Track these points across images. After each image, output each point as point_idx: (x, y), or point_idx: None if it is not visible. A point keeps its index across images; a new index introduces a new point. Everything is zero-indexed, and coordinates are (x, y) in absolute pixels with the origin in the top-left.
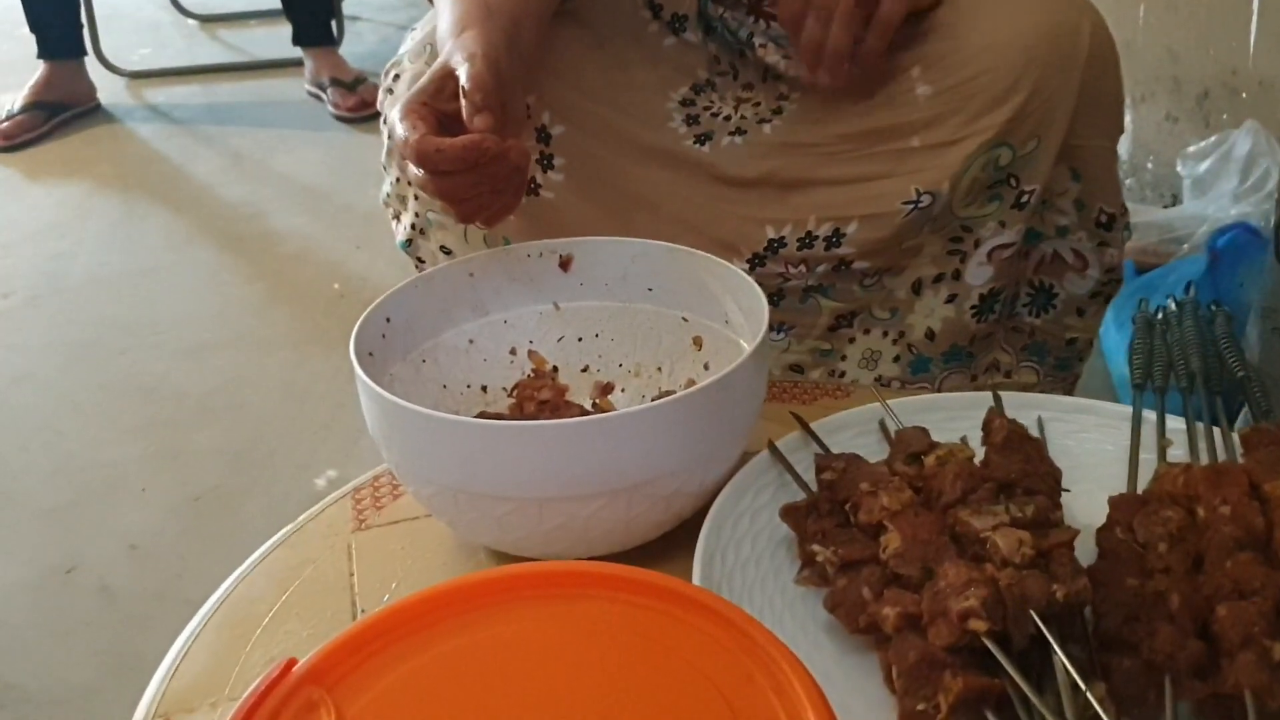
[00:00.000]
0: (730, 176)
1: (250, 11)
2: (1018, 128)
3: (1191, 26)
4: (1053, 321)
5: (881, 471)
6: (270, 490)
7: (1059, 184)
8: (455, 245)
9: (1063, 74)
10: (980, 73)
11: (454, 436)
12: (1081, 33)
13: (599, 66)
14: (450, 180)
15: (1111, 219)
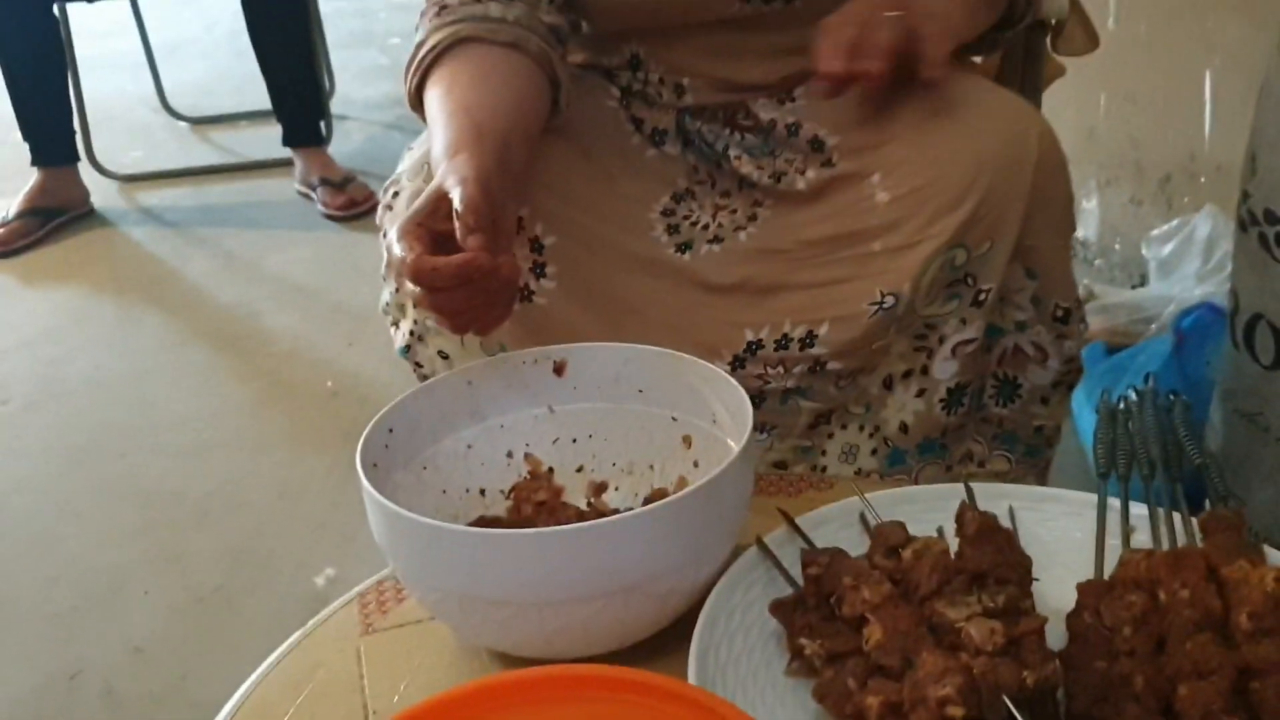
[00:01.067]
0: (711, 283)
1: (240, 113)
2: (972, 230)
3: (1150, 114)
4: (1019, 411)
5: (862, 565)
6: (271, 590)
7: (1015, 282)
8: (453, 351)
9: (1013, 180)
10: (935, 179)
11: (458, 545)
12: (1030, 141)
13: (586, 179)
14: (446, 296)
15: (1067, 313)
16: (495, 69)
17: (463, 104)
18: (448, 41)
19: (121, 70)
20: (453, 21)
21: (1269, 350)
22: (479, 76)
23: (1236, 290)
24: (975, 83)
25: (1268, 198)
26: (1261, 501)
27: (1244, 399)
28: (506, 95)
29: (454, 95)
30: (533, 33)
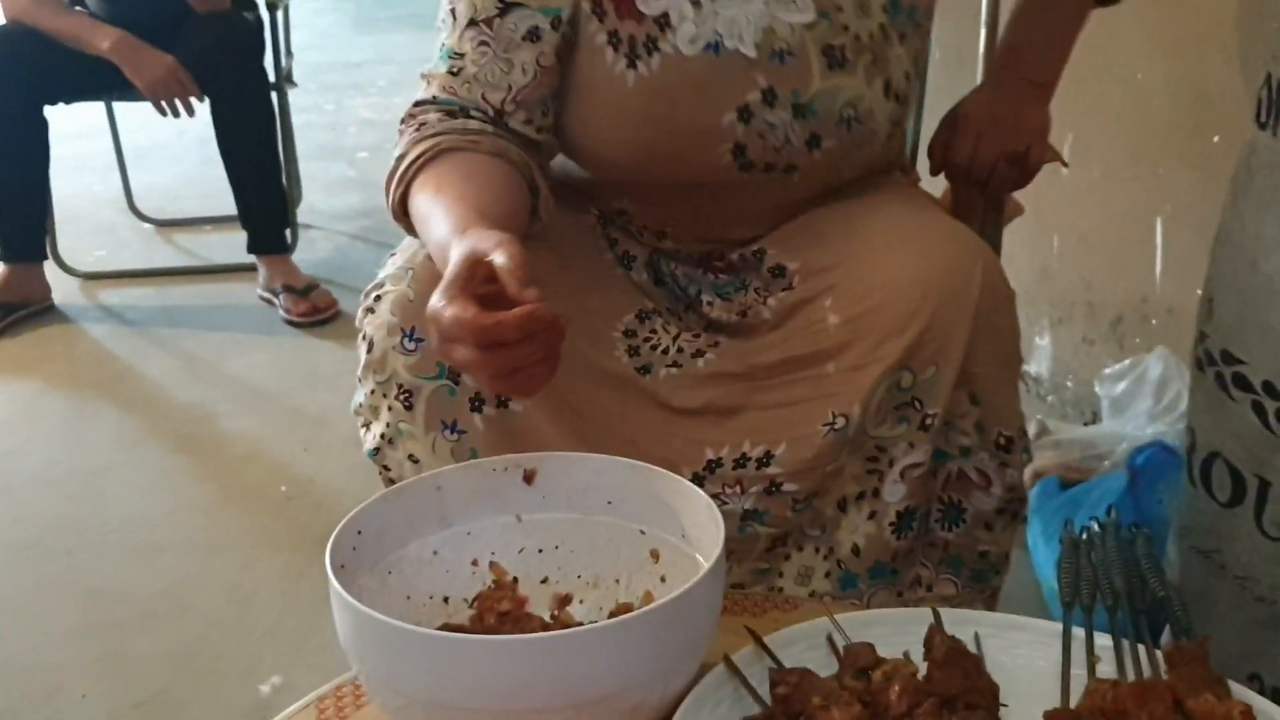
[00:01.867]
0: (673, 405)
1: (206, 218)
2: (917, 355)
3: (1102, 256)
4: (964, 535)
5: (832, 686)
6: (215, 696)
7: (960, 407)
8: (423, 455)
9: (956, 309)
10: (883, 304)
11: (426, 649)
12: (974, 273)
13: (561, 288)
14: (507, 352)
15: (1010, 441)
16: (482, 172)
17: (459, 195)
18: (431, 153)
19: (91, 171)
20: (433, 135)
21: (1225, 488)
22: (468, 177)
23: (1193, 428)
24: (927, 213)
25: (1224, 339)
26: (1218, 638)
27: (1201, 536)
28: (497, 195)
29: (446, 192)
30: (513, 144)
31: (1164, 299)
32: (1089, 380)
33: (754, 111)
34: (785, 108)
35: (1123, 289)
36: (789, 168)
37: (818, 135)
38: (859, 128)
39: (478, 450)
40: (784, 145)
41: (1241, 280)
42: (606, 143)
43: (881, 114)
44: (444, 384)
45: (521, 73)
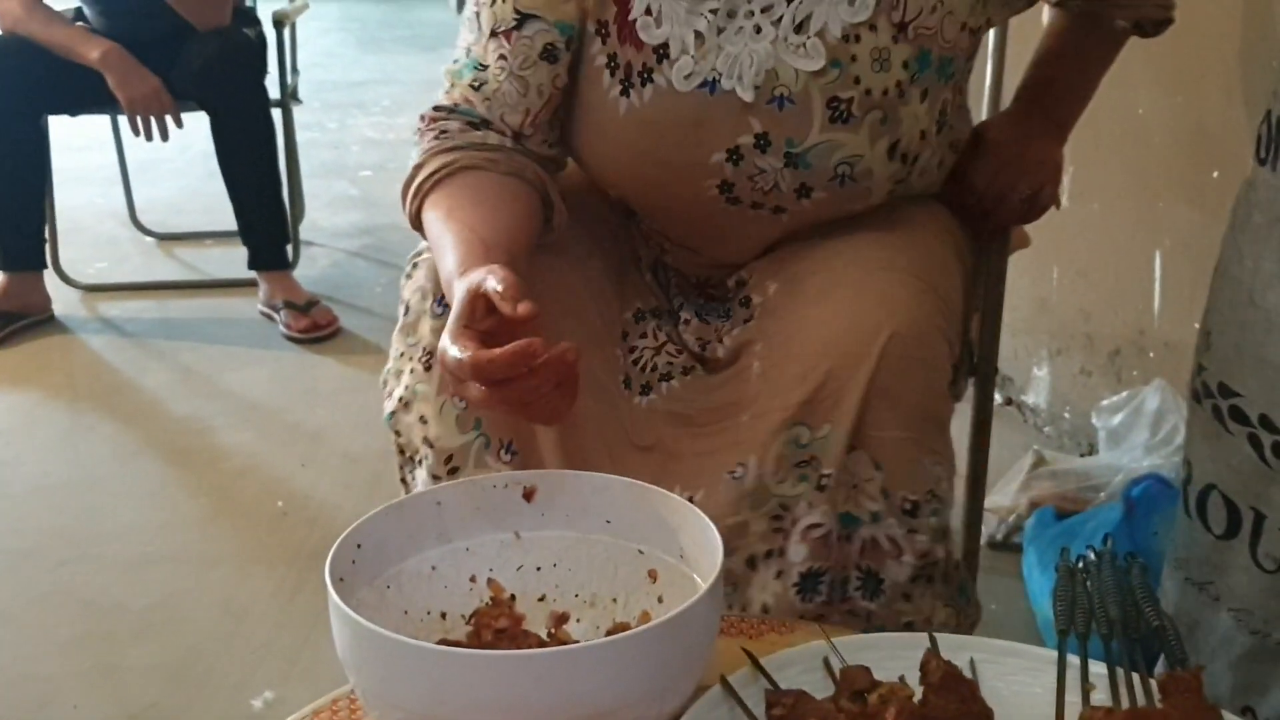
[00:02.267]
0: (632, 439)
1: (208, 232)
2: (812, 411)
3: (1102, 289)
4: (885, 606)
5: (828, 708)
6: (207, 710)
7: (864, 471)
8: (431, 418)
9: (850, 369)
10: (788, 356)
11: (425, 663)
12: (879, 336)
13: (593, 271)
14: (511, 388)
15: (915, 506)
16: (493, 193)
17: (467, 224)
18: (448, 170)
19: (93, 184)
20: (452, 148)
21: (1221, 520)
22: (479, 201)
23: (1190, 460)
24: (890, 258)
25: (1221, 372)
26: (1212, 670)
27: (1195, 568)
28: (506, 218)
29: (455, 218)
30: (530, 161)
31: (1162, 332)
32: (1086, 412)
33: (744, 154)
34: (778, 155)
35: (1121, 321)
36: (777, 209)
37: (808, 186)
38: (852, 185)
39: (482, 422)
40: (772, 189)
41: (1239, 314)
42: (599, 164)
43: (881, 174)
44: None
45: (538, 94)
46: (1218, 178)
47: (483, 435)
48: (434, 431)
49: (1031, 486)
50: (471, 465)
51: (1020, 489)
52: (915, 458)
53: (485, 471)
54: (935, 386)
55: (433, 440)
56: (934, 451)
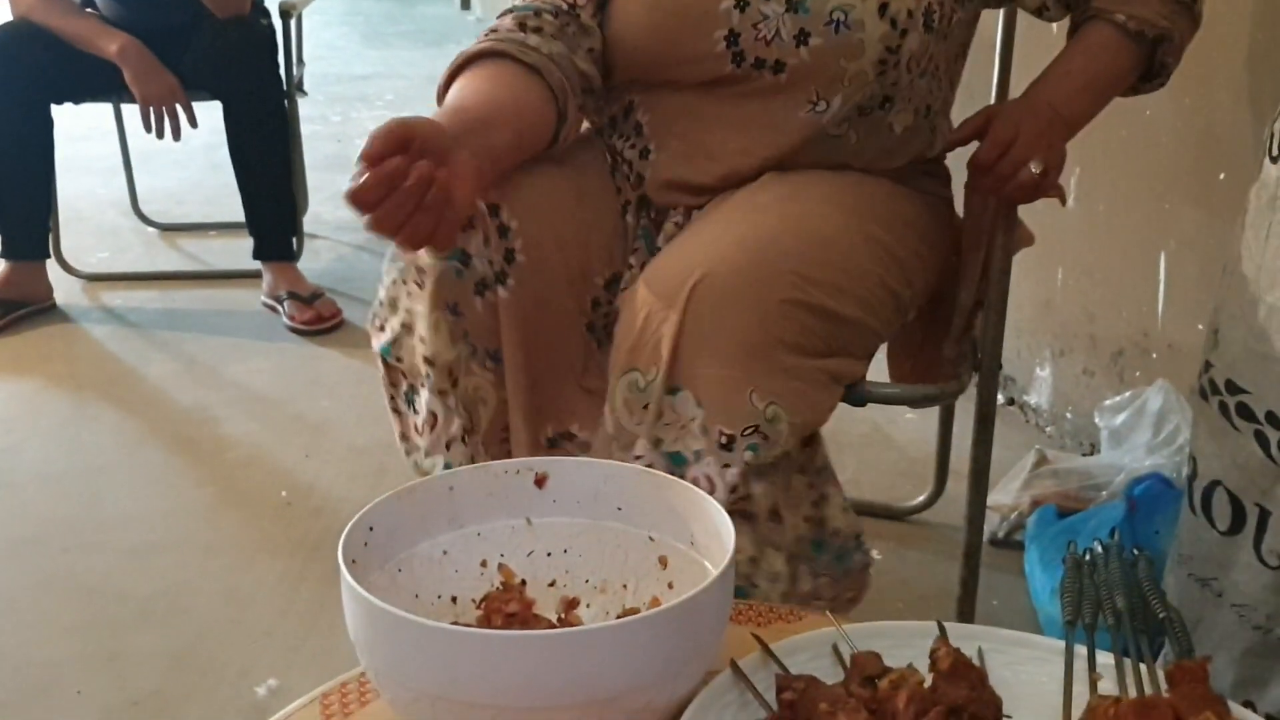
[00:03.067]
0: (579, 383)
1: (210, 223)
2: (639, 356)
3: (1106, 290)
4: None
5: (839, 693)
6: (210, 697)
7: (688, 410)
8: (426, 334)
9: (663, 312)
10: (627, 305)
11: (438, 643)
12: (689, 278)
13: (575, 222)
14: (378, 213)
15: (731, 440)
16: (505, 79)
17: (460, 94)
18: (480, 51)
19: (95, 174)
20: (493, 39)
21: (1225, 517)
22: (489, 79)
23: (1195, 457)
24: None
25: (1229, 369)
26: (1214, 665)
27: (1199, 564)
28: (506, 98)
29: (460, 89)
30: (559, 68)
31: (1165, 333)
32: (1089, 412)
33: (750, 1)
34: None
35: (1125, 322)
36: (778, 65)
37: (806, 31)
38: (846, 33)
39: (469, 333)
40: (774, 38)
41: (1247, 312)
42: (625, 23)
43: (872, 29)
44: (454, 265)
45: None
46: (1224, 179)
47: (470, 346)
48: (432, 348)
49: (1033, 485)
50: (463, 374)
51: (1022, 487)
52: (736, 393)
53: (473, 380)
54: (762, 328)
55: (432, 358)
56: (767, 390)
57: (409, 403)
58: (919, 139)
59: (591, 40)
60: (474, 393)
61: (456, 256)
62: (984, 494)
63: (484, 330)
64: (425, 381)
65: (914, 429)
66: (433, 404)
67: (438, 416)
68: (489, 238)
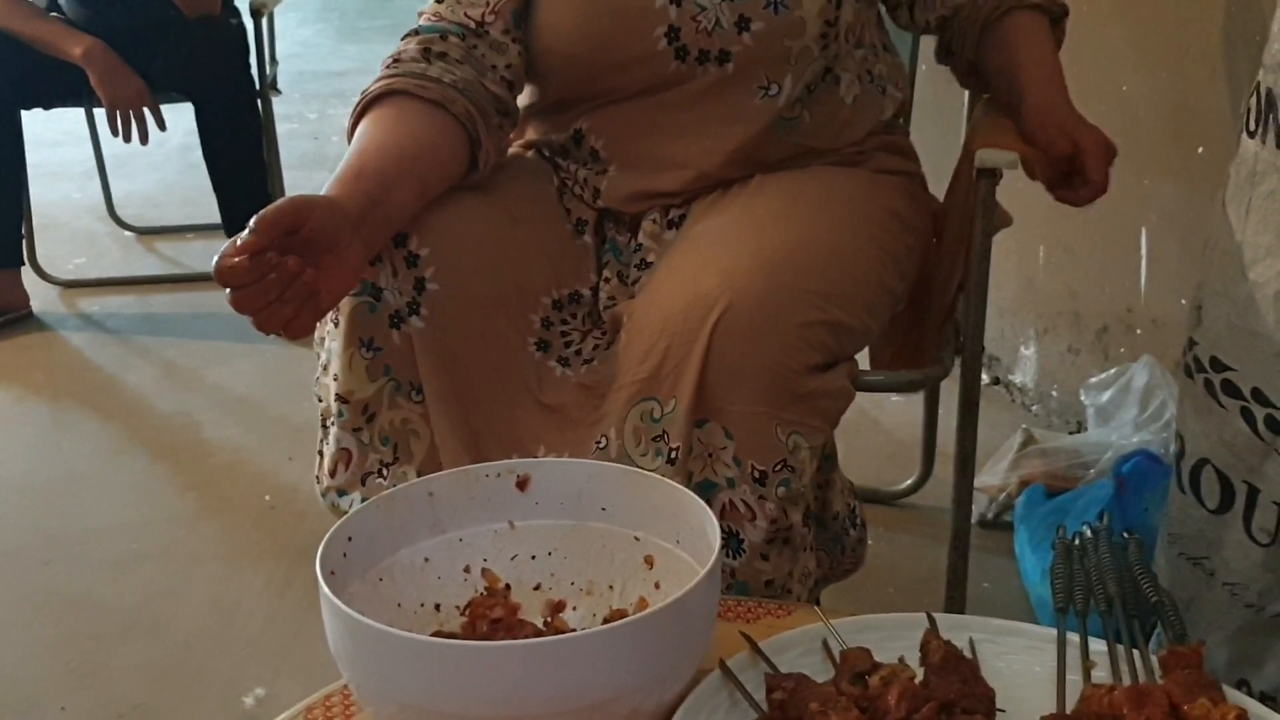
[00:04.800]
0: (539, 398)
1: (187, 225)
2: (658, 386)
3: (1089, 267)
4: (746, 566)
5: (829, 691)
6: (196, 709)
7: (717, 440)
8: (342, 372)
9: (687, 344)
10: (638, 330)
11: (420, 656)
12: (713, 309)
13: (510, 248)
14: (240, 294)
15: (764, 475)
16: (407, 123)
17: (360, 148)
18: (379, 91)
19: (70, 179)
20: (394, 75)
21: (1214, 495)
22: (391, 125)
23: (1182, 435)
24: (734, 236)
25: (1213, 346)
26: (1209, 645)
27: (1189, 543)
28: (408, 144)
29: (362, 139)
30: (465, 96)
31: (1149, 309)
32: (1074, 390)
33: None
34: None
35: (1108, 299)
36: (723, 55)
37: (746, 17)
38: (785, 13)
39: (391, 368)
40: (715, 28)
41: (1230, 288)
42: (555, 32)
43: (810, 5)
44: (365, 300)
45: None
46: (1203, 153)
47: (392, 380)
48: (345, 385)
49: (1021, 465)
50: (386, 408)
51: (1010, 468)
52: (765, 429)
53: (400, 413)
54: (787, 359)
55: (345, 395)
56: (788, 421)
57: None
58: (871, 105)
59: (505, 58)
60: (402, 426)
61: (368, 291)
62: (970, 478)
63: (405, 363)
64: (335, 420)
65: (900, 413)
66: (345, 440)
67: (352, 453)
68: (396, 269)
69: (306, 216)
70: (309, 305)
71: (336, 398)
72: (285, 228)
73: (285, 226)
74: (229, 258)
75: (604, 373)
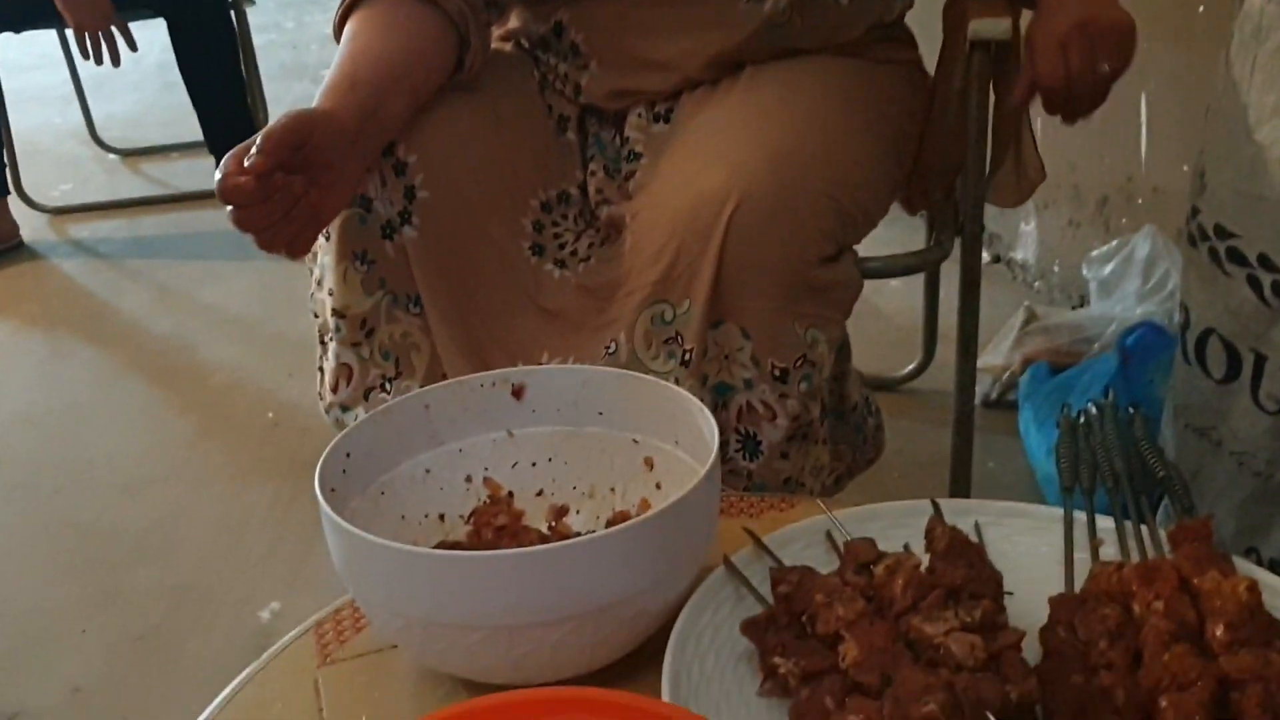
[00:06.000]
0: (538, 302)
1: (171, 145)
2: (671, 288)
3: (1086, 137)
4: (765, 466)
5: (834, 583)
6: (213, 626)
7: (734, 341)
8: (336, 287)
9: (700, 244)
10: (646, 231)
11: (422, 569)
12: (725, 206)
13: (496, 148)
14: (243, 213)
15: (785, 372)
16: (399, 23)
17: (351, 52)
18: None
19: (48, 104)
20: None
21: (1220, 365)
22: (382, 26)
23: (1186, 306)
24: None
25: (1217, 213)
26: (1215, 515)
27: (1196, 414)
28: (399, 51)
29: (352, 43)
30: None
31: (1150, 177)
32: (1076, 264)
33: None
34: None
35: (1108, 169)
36: None
37: None
38: None
39: (386, 280)
40: None
41: (1235, 152)
42: None
43: None
44: (356, 212)
45: None
46: (1203, 12)
47: (389, 293)
48: (341, 300)
49: (1024, 343)
50: (384, 321)
51: (1013, 346)
52: (783, 325)
53: (399, 326)
54: (801, 253)
55: (342, 310)
56: (805, 316)
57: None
58: (869, 5)
59: None
60: (402, 339)
61: (357, 203)
62: (973, 362)
63: (401, 275)
64: (334, 335)
65: (900, 297)
66: (345, 356)
67: (352, 368)
68: (385, 178)
69: (310, 133)
70: (311, 223)
71: (333, 313)
72: (292, 145)
73: (292, 144)
74: (233, 176)
75: (606, 275)
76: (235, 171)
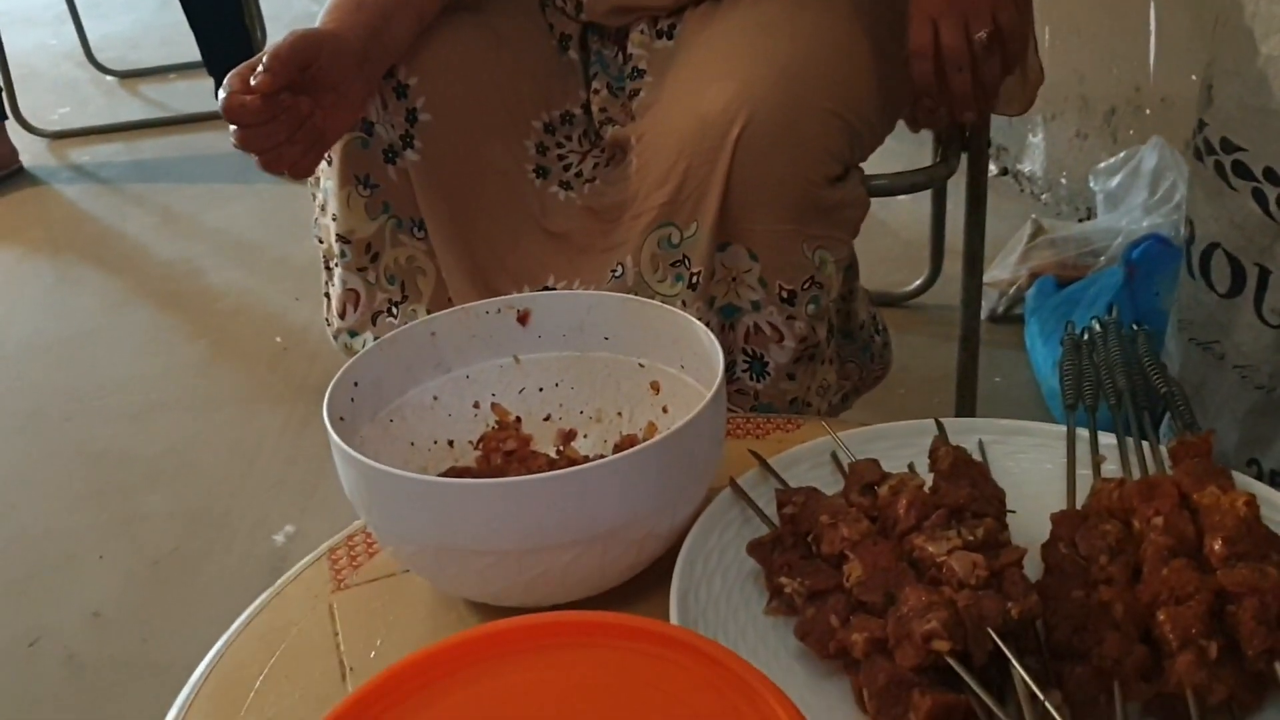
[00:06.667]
0: (542, 224)
1: (169, 65)
2: (678, 210)
3: (1095, 48)
4: (771, 387)
5: (839, 503)
6: (229, 550)
7: (741, 263)
8: (340, 211)
9: (708, 166)
10: (652, 153)
11: (433, 497)
12: (732, 126)
13: (497, 70)
14: (249, 132)
15: (792, 294)
16: None
17: None
18: None
19: (42, 25)
20: None
21: (1225, 279)
22: None
23: (1192, 219)
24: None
25: (1224, 126)
26: (1218, 427)
27: (1200, 328)
28: None
29: None
30: None
31: (1158, 88)
32: (1083, 176)
33: None
34: None
35: (1115, 80)
36: None
37: None
38: None
39: (390, 204)
40: None
41: (1242, 65)
42: None
43: None
44: (358, 136)
45: None
46: None
47: (393, 217)
48: (346, 225)
49: (1031, 257)
50: (389, 246)
51: (1019, 260)
52: (791, 246)
53: (404, 251)
54: (809, 173)
55: (347, 234)
56: (813, 237)
57: (332, 280)
58: None
59: None
60: (408, 263)
61: (359, 126)
62: (979, 277)
63: (404, 199)
64: (339, 260)
65: (907, 212)
66: (351, 281)
67: (359, 293)
68: (386, 101)
69: (317, 53)
70: (316, 145)
71: (338, 238)
72: (299, 65)
73: (299, 64)
74: (239, 95)
75: (612, 197)
76: (240, 90)
